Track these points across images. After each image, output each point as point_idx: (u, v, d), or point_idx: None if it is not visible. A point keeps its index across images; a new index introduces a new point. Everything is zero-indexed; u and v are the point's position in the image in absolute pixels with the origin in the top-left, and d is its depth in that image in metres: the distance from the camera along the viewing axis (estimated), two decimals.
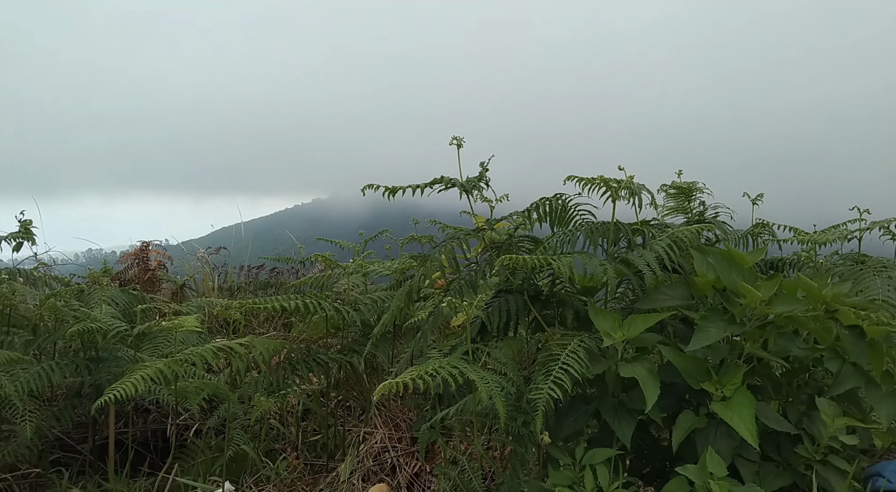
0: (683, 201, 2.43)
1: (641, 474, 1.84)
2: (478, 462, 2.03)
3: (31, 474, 2.57)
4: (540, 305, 1.97)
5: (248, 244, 5.75)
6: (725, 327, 1.60)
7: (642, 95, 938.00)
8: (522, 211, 2.02)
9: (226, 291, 4.84)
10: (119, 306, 2.92)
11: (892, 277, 2.06)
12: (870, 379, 1.61)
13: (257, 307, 2.33)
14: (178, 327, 2.35)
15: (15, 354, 2.36)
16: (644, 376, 1.57)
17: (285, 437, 2.89)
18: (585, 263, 1.76)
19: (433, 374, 1.61)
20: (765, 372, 1.73)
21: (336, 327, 2.83)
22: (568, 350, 1.63)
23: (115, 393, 1.97)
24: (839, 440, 1.60)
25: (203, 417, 2.95)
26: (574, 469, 1.64)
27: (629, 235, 1.95)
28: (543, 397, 1.52)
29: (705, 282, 1.68)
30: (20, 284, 2.85)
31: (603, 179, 1.87)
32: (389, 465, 2.58)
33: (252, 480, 2.52)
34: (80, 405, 2.66)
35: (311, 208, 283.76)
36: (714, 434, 1.58)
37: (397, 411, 2.85)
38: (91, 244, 5.68)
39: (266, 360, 2.41)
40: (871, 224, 2.34)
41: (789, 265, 2.32)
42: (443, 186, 1.93)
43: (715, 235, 2.19)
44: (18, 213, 2.81)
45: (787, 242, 2.49)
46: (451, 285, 2.01)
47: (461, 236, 1.97)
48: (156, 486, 2.41)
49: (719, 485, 1.43)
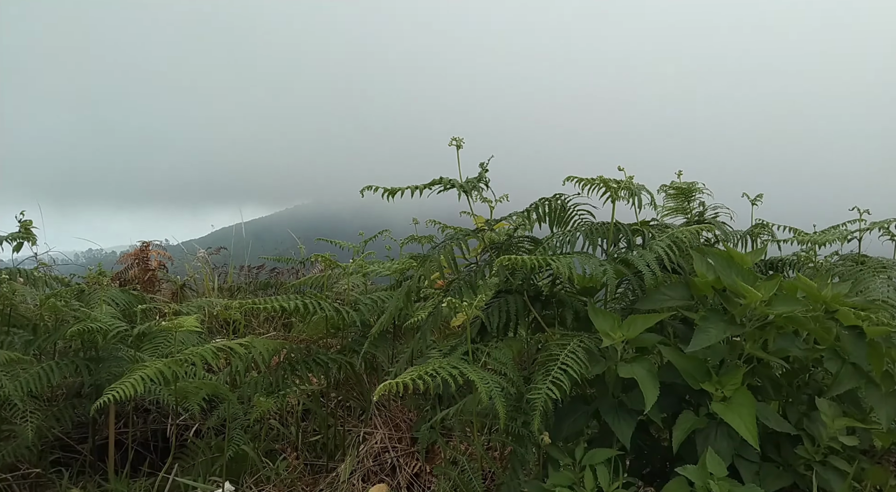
0: (683, 202, 2.43)
1: (641, 475, 1.84)
2: (478, 462, 2.03)
3: (31, 474, 2.57)
4: (540, 305, 1.97)
5: (248, 244, 5.75)
6: (725, 328, 1.60)
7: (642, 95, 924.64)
8: (522, 211, 2.02)
9: (226, 292, 4.84)
10: (119, 306, 2.92)
11: (892, 278, 2.06)
12: (870, 379, 1.61)
13: (257, 307, 2.33)
14: (177, 327, 2.35)
15: (15, 354, 2.36)
16: (644, 377, 1.57)
17: (285, 437, 2.89)
18: (585, 263, 1.76)
19: (433, 374, 1.61)
20: (765, 372, 1.73)
21: (336, 328, 2.83)
22: (567, 350, 1.63)
23: (114, 393, 1.96)
24: (839, 441, 1.59)
25: (203, 417, 2.95)
26: (574, 470, 1.64)
27: (629, 236, 1.95)
28: (541, 397, 1.52)
29: (705, 282, 1.68)
30: (20, 284, 2.85)
31: (602, 180, 1.87)
32: (389, 465, 2.58)
33: (252, 480, 2.52)
34: (80, 405, 2.66)
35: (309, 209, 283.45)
36: (714, 435, 1.58)
37: (397, 412, 2.85)
38: (91, 244, 5.67)
39: (266, 360, 2.41)
40: (870, 224, 2.34)
41: (789, 266, 2.32)
42: (442, 186, 1.93)
43: (715, 236, 2.19)
44: (19, 213, 2.81)
45: (786, 243, 2.49)
46: (451, 286, 2.01)
47: (461, 237, 1.97)
48: (156, 486, 2.41)
49: (719, 485, 1.43)
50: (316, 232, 30.34)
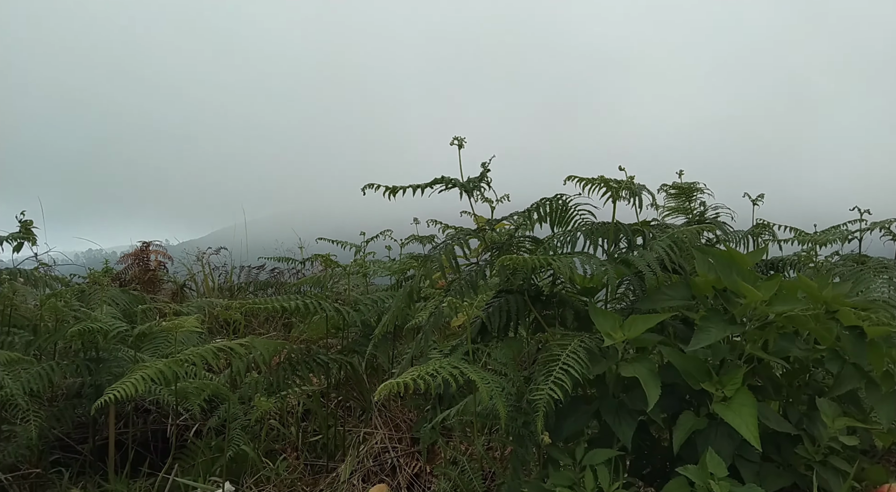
0: (684, 202, 2.43)
1: (642, 475, 1.84)
2: (478, 463, 2.03)
3: (32, 475, 2.57)
4: (540, 305, 1.97)
5: (248, 244, 5.74)
6: (726, 328, 1.60)
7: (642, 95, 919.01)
8: (523, 211, 2.02)
9: (226, 292, 4.84)
10: (119, 307, 2.92)
11: (893, 278, 2.06)
12: (870, 379, 1.61)
13: (257, 307, 2.33)
14: (178, 328, 2.35)
15: (15, 355, 2.36)
16: (645, 377, 1.56)
17: (285, 437, 2.89)
18: (586, 263, 1.76)
19: (434, 374, 1.61)
20: (765, 372, 1.73)
21: (336, 328, 2.83)
22: (568, 350, 1.63)
23: (114, 393, 1.96)
24: (839, 441, 1.59)
25: (203, 417, 2.94)
26: (574, 470, 1.64)
27: (629, 236, 1.95)
28: (544, 397, 1.52)
29: (706, 282, 1.68)
30: (21, 285, 2.85)
31: (603, 180, 1.87)
32: (390, 465, 2.57)
33: (252, 480, 2.52)
34: (80, 406, 2.66)
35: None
36: (714, 435, 1.58)
37: (398, 412, 2.85)
38: (91, 244, 5.67)
39: (266, 360, 2.41)
40: (871, 224, 2.35)
41: (790, 266, 2.32)
42: (443, 186, 1.93)
43: (715, 236, 2.19)
44: (19, 213, 2.81)
45: (787, 243, 2.49)
46: (452, 286, 2.01)
47: (462, 237, 1.97)
48: (156, 486, 2.41)
49: (720, 485, 1.43)
50: (316, 232, 30.13)
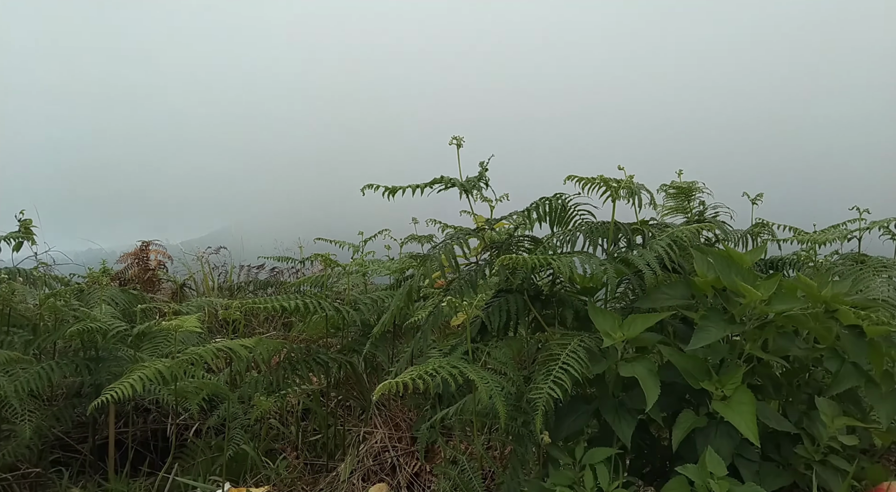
0: (683, 201, 2.42)
1: (641, 474, 1.84)
2: (478, 462, 2.03)
3: (31, 474, 2.57)
4: (540, 304, 1.97)
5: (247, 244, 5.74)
6: (725, 327, 1.60)
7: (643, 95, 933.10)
8: (522, 211, 2.02)
9: (226, 291, 4.84)
10: (119, 306, 2.92)
11: (893, 277, 2.06)
12: (869, 379, 1.61)
13: (257, 307, 2.33)
14: (177, 327, 2.35)
15: (15, 354, 2.36)
16: (645, 376, 1.57)
17: (285, 437, 2.90)
18: (585, 262, 1.76)
19: (433, 373, 1.61)
20: (765, 372, 1.73)
21: (336, 327, 2.83)
22: (568, 350, 1.63)
23: (113, 393, 1.96)
24: (839, 440, 1.59)
25: (203, 416, 2.94)
26: (574, 469, 1.64)
27: (629, 235, 1.95)
28: (543, 396, 1.52)
29: (705, 281, 1.68)
30: (20, 284, 2.85)
31: (603, 179, 1.87)
32: (389, 464, 2.58)
33: (252, 480, 2.52)
34: (79, 405, 2.66)
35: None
36: (714, 434, 1.58)
37: (397, 411, 2.85)
38: (91, 244, 5.66)
39: (266, 360, 2.41)
40: (870, 224, 2.35)
41: (789, 265, 2.31)
42: (442, 185, 1.93)
43: (715, 235, 2.18)
44: (18, 212, 2.81)
45: (786, 242, 2.49)
46: (451, 285, 2.01)
47: (461, 236, 1.97)
48: (156, 486, 2.41)
49: (719, 484, 1.43)
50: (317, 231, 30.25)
